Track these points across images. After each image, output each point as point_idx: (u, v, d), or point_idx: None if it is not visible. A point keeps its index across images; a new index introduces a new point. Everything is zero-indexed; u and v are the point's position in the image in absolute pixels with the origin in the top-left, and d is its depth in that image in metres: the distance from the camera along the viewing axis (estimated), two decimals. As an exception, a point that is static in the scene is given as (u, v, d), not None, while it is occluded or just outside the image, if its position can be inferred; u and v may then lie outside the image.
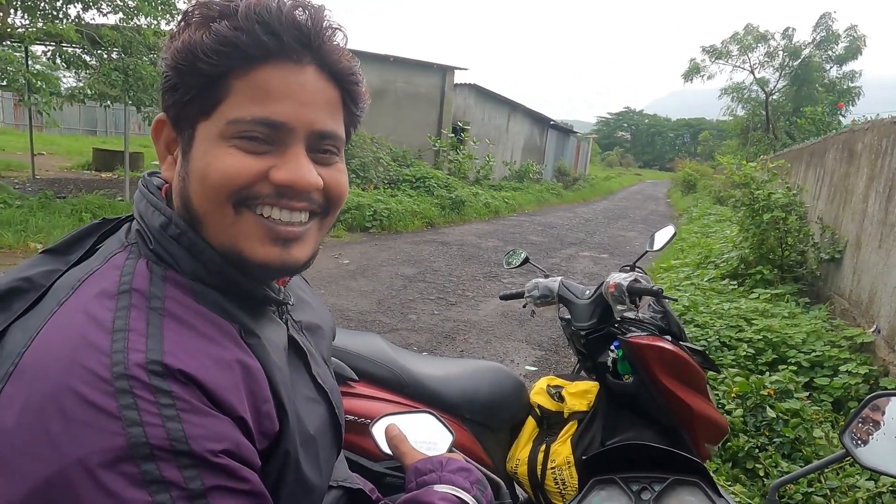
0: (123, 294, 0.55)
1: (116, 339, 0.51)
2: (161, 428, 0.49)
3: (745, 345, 3.63)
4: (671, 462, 1.09)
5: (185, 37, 0.59)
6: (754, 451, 2.75)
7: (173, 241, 0.61)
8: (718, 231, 9.07)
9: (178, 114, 0.62)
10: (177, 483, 0.48)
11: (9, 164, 12.73)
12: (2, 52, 6.93)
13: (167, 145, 0.66)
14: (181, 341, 0.54)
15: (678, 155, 64.29)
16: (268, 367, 0.62)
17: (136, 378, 0.50)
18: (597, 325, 1.88)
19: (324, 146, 0.65)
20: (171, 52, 0.60)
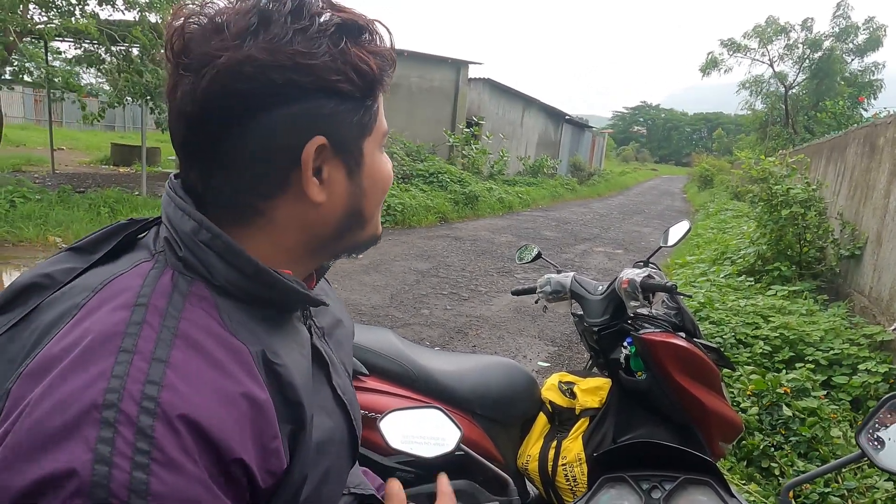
0: (139, 307, 0.54)
1: (119, 362, 0.50)
2: (127, 475, 0.46)
3: (762, 342, 3.58)
4: (682, 461, 1.08)
5: (345, 53, 0.60)
6: (770, 449, 2.72)
7: (205, 248, 0.58)
8: (735, 227, 8.96)
9: (342, 134, 0.61)
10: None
11: (29, 158, 12.93)
12: (24, 47, 7.01)
13: (315, 170, 0.61)
14: (186, 370, 0.52)
15: (695, 150, 63.63)
16: (287, 389, 0.60)
17: (124, 413, 0.47)
18: (609, 322, 1.86)
19: None
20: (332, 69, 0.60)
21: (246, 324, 0.59)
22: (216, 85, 0.54)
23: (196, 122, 0.57)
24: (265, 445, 0.55)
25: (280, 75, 0.54)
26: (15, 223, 6.26)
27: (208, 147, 0.58)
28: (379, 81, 0.61)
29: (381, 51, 0.61)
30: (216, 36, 0.54)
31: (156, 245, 0.61)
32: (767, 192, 5.34)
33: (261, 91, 0.55)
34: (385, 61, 0.61)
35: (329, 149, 0.59)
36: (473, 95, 16.82)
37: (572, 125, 26.27)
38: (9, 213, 6.37)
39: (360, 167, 0.63)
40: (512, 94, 19.25)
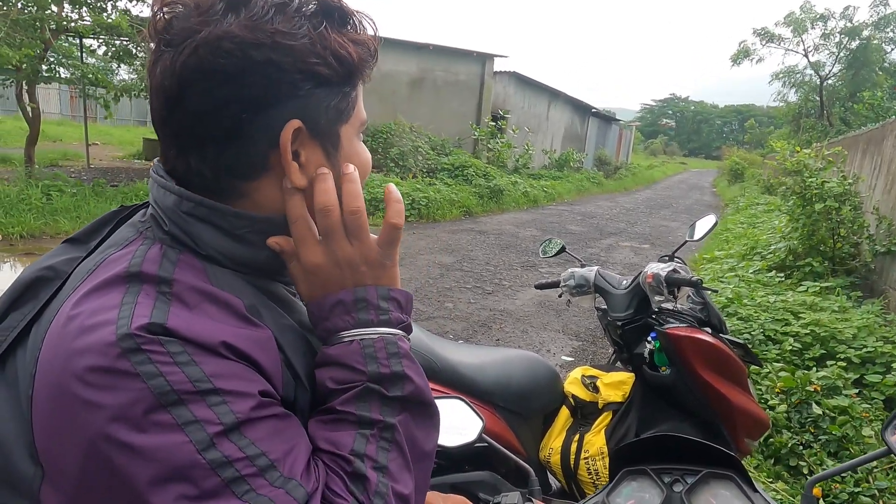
0: (133, 277, 0.55)
1: (123, 312, 0.52)
2: (181, 374, 0.50)
3: (792, 339, 3.51)
4: (705, 455, 1.07)
5: (326, 38, 0.60)
6: (798, 447, 2.67)
7: (188, 217, 0.59)
8: (766, 221, 8.77)
9: (319, 119, 0.61)
10: (210, 420, 0.49)
11: (66, 153, 13.31)
12: (59, 45, 7.21)
13: (293, 153, 0.61)
14: (185, 318, 0.54)
15: (725, 143, 62.28)
16: (278, 338, 0.61)
17: (140, 336, 0.50)
18: (633, 316, 1.85)
19: None
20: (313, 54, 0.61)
21: (234, 285, 0.60)
22: (194, 58, 0.54)
23: (173, 98, 0.56)
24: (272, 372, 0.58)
25: (259, 53, 0.54)
26: (51, 216, 6.46)
27: (186, 124, 0.57)
28: (359, 70, 0.61)
29: (363, 39, 0.61)
30: (197, 12, 0.55)
31: (142, 224, 0.63)
32: (801, 185, 5.21)
33: (239, 68, 0.54)
34: (366, 51, 0.61)
35: (305, 132, 0.59)
36: (499, 89, 16.73)
37: (599, 118, 25.96)
38: (45, 207, 6.58)
39: (337, 151, 0.63)
40: (538, 87, 19.10)
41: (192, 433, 0.49)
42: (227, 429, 0.50)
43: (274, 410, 0.54)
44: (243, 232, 0.61)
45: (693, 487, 0.99)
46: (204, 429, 0.49)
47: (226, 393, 0.51)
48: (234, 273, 0.61)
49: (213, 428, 0.49)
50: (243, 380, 0.53)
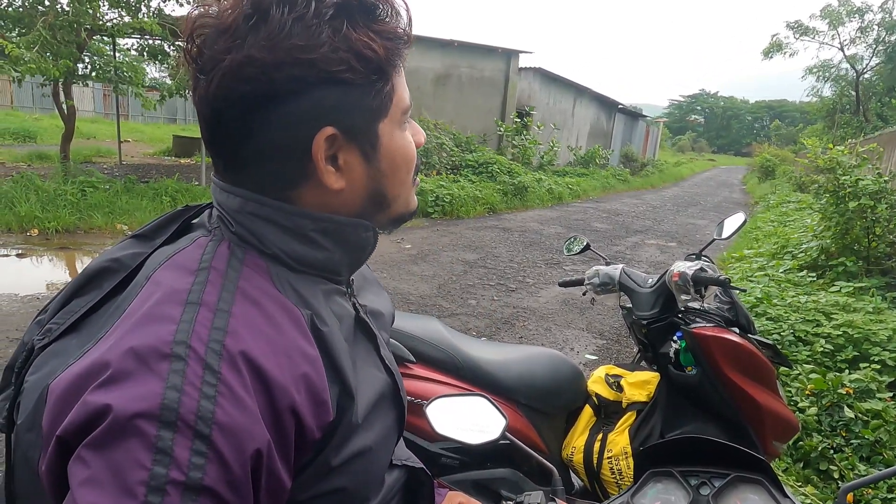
0: (202, 270, 0.58)
1: (188, 310, 0.54)
2: (195, 402, 0.49)
3: (823, 340, 3.43)
4: (733, 458, 1.05)
5: (348, 37, 0.59)
6: (829, 451, 2.61)
7: (253, 217, 0.62)
8: (798, 220, 8.56)
9: (354, 121, 0.61)
10: (180, 463, 0.48)
11: (99, 150, 13.65)
12: (93, 45, 7.39)
13: (329, 158, 0.62)
14: (248, 321, 0.56)
15: (756, 139, 60.93)
16: (333, 352, 0.62)
17: (194, 350, 0.51)
18: (659, 315, 1.83)
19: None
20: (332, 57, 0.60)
21: (296, 290, 0.63)
22: (222, 88, 0.56)
23: (212, 124, 0.59)
24: (315, 398, 0.58)
25: (280, 73, 0.55)
26: (85, 212, 6.63)
27: (228, 145, 0.60)
28: (389, 62, 0.60)
29: (391, 29, 0.60)
30: (222, 37, 0.55)
31: (210, 224, 0.66)
32: (834, 182, 5.08)
33: (263, 91, 0.55)
34: (395, 40, 0.60)
35: (340, 137, 0.60)
36: (524, 85, 16.63)
37: (625, 114, 25.62)
38: (80, 203, 6.76)
39: (376, 150, 0.64)
40: (563, 84, 18.93)
41: (156, 462, 0.47)
42: (186, 485, 0.48)
43: (241, 494, 0.52)
44: (306, 231, 0.63)
45: (721, 491, 0.97)
46: (167, 466, 0.47)
47: (215, 451, 0.49)
48: (297, 276, 0.64)
49: (175, 472, 0.47)
50: (242, 444, 0.51)
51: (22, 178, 7.02)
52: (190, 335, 0.52)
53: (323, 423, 0.59)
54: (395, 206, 0.69)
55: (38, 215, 6.24)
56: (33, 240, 5.95)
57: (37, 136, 15.67)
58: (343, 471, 0.64)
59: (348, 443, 0.63)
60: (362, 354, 0.69)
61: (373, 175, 0.65)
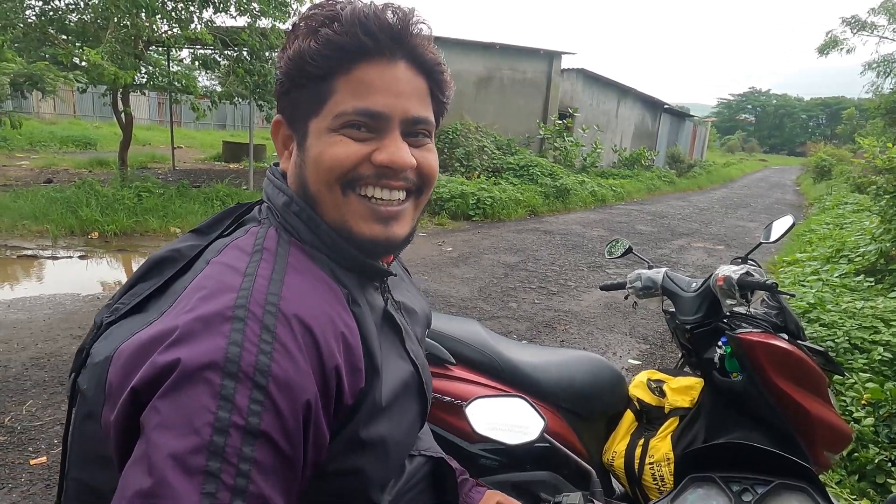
0: (257, 251, 0.67)
1: (246, 280, 0.62)
2: (254, 357, 0.56)
3: (881, 348, 3.28)
4: (777, 465, 1.03)
5: (295, 46, 0.69)
6: (886, 464, 2.50)
7: (295, 216, 0.72)
8: (855, 222, 8.18)
9: (293, 114, 0.73)
10: (241, 409, 0.54)
11: (154, 156, 14.25)
12: (150, 56, 7.73)
13: (283, 141, 0.77)
14: (299, 289, 0.64)
15: (811, 138, 58.46)
16: (365, 330, 0.69)
17: (252, 312, 0.58)
18: (703, 320, 1.80)
19: (417, 130, 0.73)
20: (283, 61, 0.71)
21: (333, 272, 0.71)
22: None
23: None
24: (353, 364, 0.65)
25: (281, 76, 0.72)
26: (141, 215, 6.94)
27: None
28: (324, 68, 0.68)
29: (330, 37, 0.67)
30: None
31: (260, 215, 0.76)
32: (893, 183, 4.84)
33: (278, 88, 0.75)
34: (335, 51, 0.68)
35: (284, 124, 0.75)
36: (566, 86, 16.46)
37: (671, 114, 25.03)
38: (136, 207, 7.07)
39: (304, 142, 0.72)
40: (606, 84, 18.65)
41: (220, 408, 0.53)
42: (246, 429, 0.54)
43: (289, 451, 0.57)
44: (330, 241, 0.72)
45: (763, 498, 0.95)
46: (230, 411, 0.54)
47: (271, 400, 0.56)
48: (334, 264, 0.73)
49: (237, 418, 0.54)
50: (295, 395, 0.57)
51: (83, 184, 7.40)
52: (249, 300, 0.59)
53: (356, 389, 0.65)
54: (323, 209, 0.72)
55: (98, 219, 6.57)
56: (93, 242, 6.27)
57: (97, 143, 16.48)
58: (366, 452, 0.69)
59: (373, 422, 0.69)
60: (388, 344, 0.75)
61: (300, 164, 0.73)
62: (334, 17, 0.67)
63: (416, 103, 0.71)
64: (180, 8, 7.73)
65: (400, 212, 0.73)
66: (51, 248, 5.93)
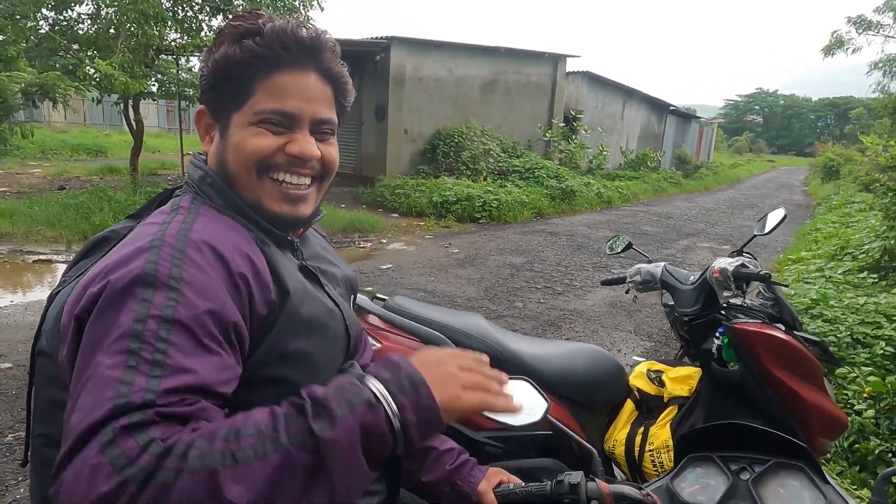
0: (173, 210, 0.80)
1: (162, 226, 0.75)
2: (167, 268, 0.69)
3: (884, 343, 3.31)
4: (773, 445, 1.07)
5: (222, 51, 0.83)
6: (887, 455, 2.53)
7: (209, 186, 0.86)
8: (861, 221, 8.18)
9: (217, 107, 0.87)
10: (158, 304, 0.66)
11: (163, 163, 14.42)
12: (159, 64, 7.86)
13: (206, 129, 0.90)
14: (208, 226, 0.77)
15: (819, 138, 58.07)
16: (271, 259, 0.82)
17: (167, 241, 0.72)
18: (701, 311, 1.86)
19: (322, 129, 0.88)
20: (210, 62, 0.84)
21: (245, 224, 0.85)
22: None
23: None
24: (260, 279, 0.77)
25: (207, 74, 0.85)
26: (153, 220, 7.05)
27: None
28: (246, 72, 0.82)
29: (252, 48, 0.81)
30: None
31: (181, 191, 0.90)
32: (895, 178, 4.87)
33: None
34: (254, 58, 0.81)
35: (207, 114, 0.88)
36: (571, 89, 16.51)
37: (677, 116, 24.99)
38: (148, 211, 7.18)
39: (227, 131, 0.86)
40: (612, 87, 18.67)
41: (142, 302, 0.66)
42: (163, 318, 0.65)
43: (208, 333, 0.68)
44: (236, 206, 0.86)
45: (760, 476, 0.99)
46: (148, 307, 0.66)
47: (184, 297, 0.67)
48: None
49: (155, 310, 0.66)
50: (205, 295, 0.69)
51: (96, 191, 7.53)
52: (164, 234, 0.73)
53: (267, 300, 0.77)
54: (240, 188, 0.86)
55: (110, 224, 6.66)
56: (106, 247, 6.38)
57: (107, 150, 16.68)
58: (292, 363, 0.79)
59: (296, 337, 0.80)
60: (308, 285, 0.87)
61: (221, 149, 0.86)
62: (257, 31, 0.81)
63: (322, 107, 0.86)
64: (189, 16, 7.86)
65: (306, 195, 0.89)
66: (65, 252, 6.04)
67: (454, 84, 12.57)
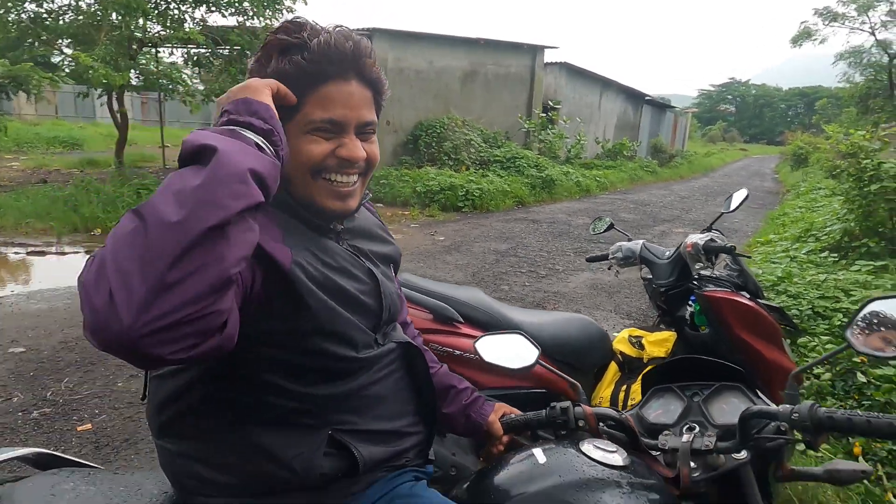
0: None
1: None
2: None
3: (841, 315, 3.61)
4: (719, 373, 1.31)
5: (273, 65, 0.89)
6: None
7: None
8: (826, 206, 8.60)
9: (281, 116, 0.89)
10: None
11: (143, 155, 14.30)
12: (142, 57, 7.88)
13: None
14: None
15: (790, 127, 59.43)
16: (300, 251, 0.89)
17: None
18: (676, 282, 2.10)
19: (366, 130, 0.96)
20: (262, 75, 0.89)
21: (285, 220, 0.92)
22: None
23: None
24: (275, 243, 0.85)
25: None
26: (141, 212, 7.11)
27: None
28: (297, 88, 0.88)
29: (300, 63, 0.89)
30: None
31: None
32: (856, 167, 5.20)
33: None
34: (303, 72, 0.89)
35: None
36: (550, 80, 16.77)
37: (653, 106, 25.46)
38: (136, 202, 7.23)
39: (282, 140, 0.89)
40: (589, 77, 18.99)
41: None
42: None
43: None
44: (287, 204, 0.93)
45: (708, 397, 1.24)
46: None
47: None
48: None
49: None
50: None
51: (83, 183, 7.56)
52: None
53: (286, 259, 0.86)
54: (294, 187, 0.93)
55: (100, 216, 6.74)
56: (97, 238, 6.45)
57: (83, 143, 16.46)
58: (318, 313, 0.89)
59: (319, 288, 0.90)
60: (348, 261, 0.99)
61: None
62: (304, 46, 0.89)
63: (365, 111, 0.94)
64: (172, 7, 7.88)
65: (353, 190, 0.97)
66: (56, 244, 6.11)
67: (435, 75, 12.72)
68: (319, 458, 0.91)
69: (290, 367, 0.90)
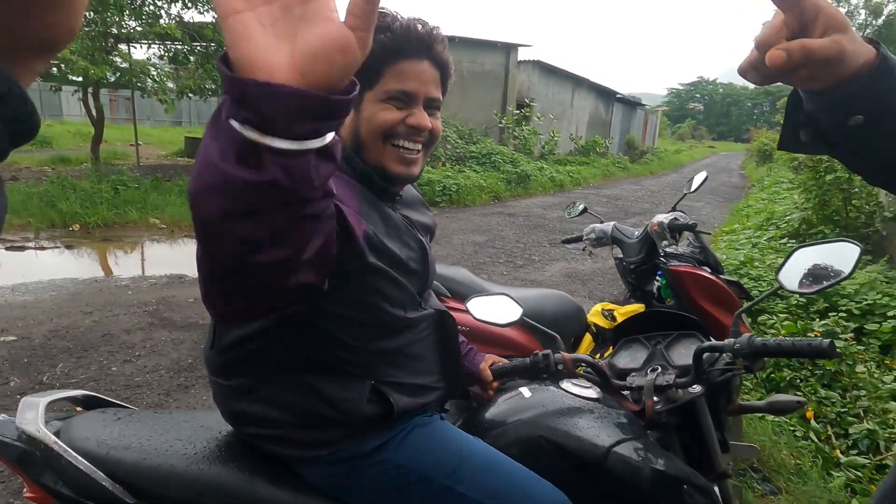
0: None
1: None
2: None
3: (797, 295, 3.88)
4: (679, 325, 1.51)
5: None
6: (796, 380, 3.07)
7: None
8: (787, 197, 9.01)
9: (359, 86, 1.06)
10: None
11: (115, 153, 14.12)
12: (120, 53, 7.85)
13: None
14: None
15: (756, 125, 61.02)
16: (367, 207, 1.00)
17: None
18: (644, 259, 2.30)
19: (432, 105, 1.07)
20: None
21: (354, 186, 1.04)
22: None
23: None
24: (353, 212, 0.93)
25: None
26: (120, 207, 7.12)
27: None
28: (378, 61, 0.99)
29: (383, 41, 0.99)
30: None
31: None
32: (813, 159, 5.52)
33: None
34: (380, 49, 0.97)
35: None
36: (523, 77, 17.03)
37: (623, 104, 25.98)
38: (114, 199, 7.24)
39: (360, 107, 1.03)
40: (562, 75, 19.32)
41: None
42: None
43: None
44: (360, 170, 1.06)
45: (669, 344, 1.44)
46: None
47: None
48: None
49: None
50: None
51: (59, 179, 7.50)
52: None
53: (361, 229, 0.93)
54: (367, 152, 1.04)
55: (78, 211, 6.72)
56: (76, 234, 6.44)
57: (52, 141, 16.14)
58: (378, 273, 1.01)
59: (379, 255, 1.00)
60: (403, 230, 1.12)
61: (356, 120, 1.04)
62: (387, 28, 1.01)
63: (433, 88, 1.05)
64: (148, 3, 7.87)
65: (417, 158, 1.07)
66: (34, 239, 6.09)
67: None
68: (363, 404, 1.05)
69: (352, 323, 1.02)
